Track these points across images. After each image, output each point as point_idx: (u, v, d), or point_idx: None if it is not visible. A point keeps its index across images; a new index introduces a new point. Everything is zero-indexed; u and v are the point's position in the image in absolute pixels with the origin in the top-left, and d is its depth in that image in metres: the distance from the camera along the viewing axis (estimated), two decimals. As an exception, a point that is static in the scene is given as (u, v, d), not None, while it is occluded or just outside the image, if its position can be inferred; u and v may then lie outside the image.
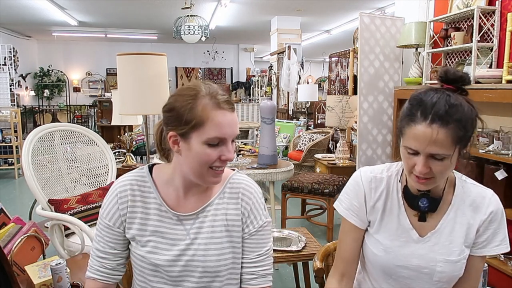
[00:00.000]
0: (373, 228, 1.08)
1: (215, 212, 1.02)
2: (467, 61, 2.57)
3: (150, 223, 1.02)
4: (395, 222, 1.06)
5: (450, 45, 2.66)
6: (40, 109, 10.25)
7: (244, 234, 1.03)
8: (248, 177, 1.09)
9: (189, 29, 5.67)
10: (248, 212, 1.03)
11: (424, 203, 1.02)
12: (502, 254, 2.09)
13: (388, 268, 1.06)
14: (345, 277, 1.11)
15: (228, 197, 1.04)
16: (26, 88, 9.88)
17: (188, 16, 5.73)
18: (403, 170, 1.07)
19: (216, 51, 11.40)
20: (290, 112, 7.08)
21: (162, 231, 1.01)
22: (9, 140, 5.70)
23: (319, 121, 6.18)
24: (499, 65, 2.33)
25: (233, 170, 1.10)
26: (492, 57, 2.37)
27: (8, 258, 1.31)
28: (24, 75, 9.63)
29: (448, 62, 2.83)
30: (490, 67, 2.37)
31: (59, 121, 9.84)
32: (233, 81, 11.44)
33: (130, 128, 5.68)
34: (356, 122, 4.01)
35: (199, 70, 11.46)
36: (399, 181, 1.08)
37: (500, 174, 2.08)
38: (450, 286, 1.05)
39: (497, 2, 2.36)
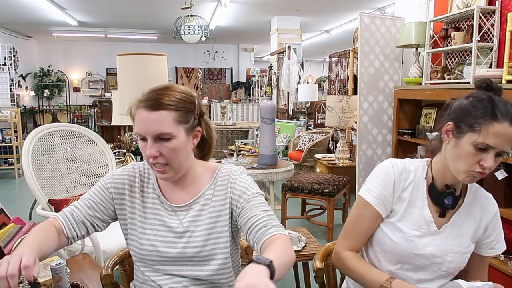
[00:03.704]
0: (396, 216, 1.13)
1: (206, 202, 1.07)
2: (467, 61, 2.56)
3: (148, 211, 1.09)
4: (418, 213, 1.12)
5: (450, 45, 2.66)
6: (40, 109, 10.26)
7: (240, 205, 1.04)
8: (235, 166, 1.13)
9: (189, 29, 5.67)
10: (239, 191, 1.06)
11: (449, 201, 1.09)
12: (502, 254, 2.10)
13: (405, 256, 1.11)
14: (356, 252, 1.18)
15: (219, 188, 1.09)
16: (26, 88, 9.88)
17: (188, 16, 5.73)
18: (428, 167, 1.13)
19: (216, 51, 11.40)
20: (290, 112, 7.08)
21: (158, 221, 1.08)
22: (9, 140, 5.69)
23: (319, 121, 6.18)
24: (499, 65, 2.32)
25: (220, 162, 1.15)
26: (492, 57, 2.36)
27: (8, 258, 1.30)
28: (24, 75, 9.62)
29: (448, 62, 2.83)
30: (490, 67, 2.37)
31: (59, 121, 9.85)
32: (233, 81, 11.44)
33: (130, 128, 5.66)
34: (356, 122, 4.01)
35: (199, 70, 11.46)
36: (425, 178, 1.13)
37: (500, 174, 2.08)
38: (452, 277, 1.14)
39: (497, 2, 2.35)
